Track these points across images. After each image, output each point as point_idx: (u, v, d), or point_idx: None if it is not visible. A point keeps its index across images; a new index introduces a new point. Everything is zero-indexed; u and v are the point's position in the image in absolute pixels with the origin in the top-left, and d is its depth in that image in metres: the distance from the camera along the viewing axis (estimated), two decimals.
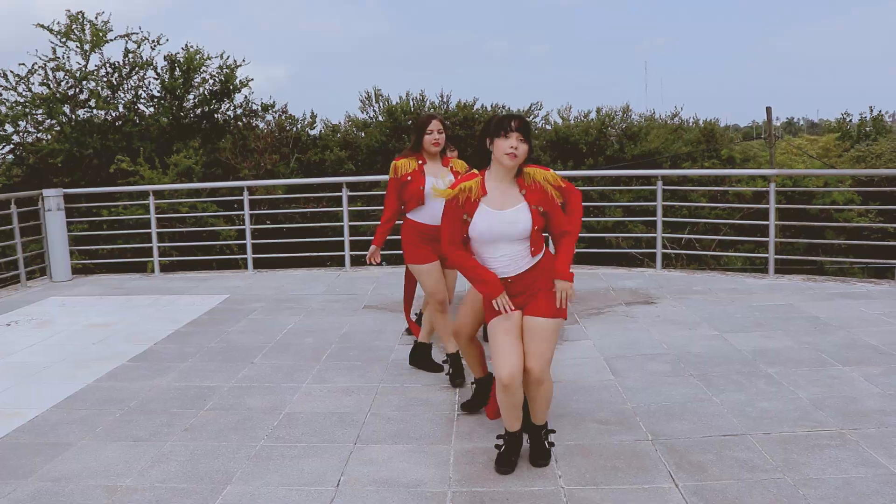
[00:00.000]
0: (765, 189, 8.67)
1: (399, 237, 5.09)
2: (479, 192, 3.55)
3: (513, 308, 3.59)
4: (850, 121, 32.00)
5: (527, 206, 3.54)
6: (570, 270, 3.64)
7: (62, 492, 3.58)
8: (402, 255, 5.09)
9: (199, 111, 17.27)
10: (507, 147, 3.46)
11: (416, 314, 5.95)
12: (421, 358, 5.31)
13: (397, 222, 5.11)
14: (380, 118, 19.60)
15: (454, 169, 4.95)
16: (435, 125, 4.87)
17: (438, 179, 4.74)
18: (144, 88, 16.82)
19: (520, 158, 3.50)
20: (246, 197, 9.82)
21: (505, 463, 3.69)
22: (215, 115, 17.57)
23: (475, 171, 3.67)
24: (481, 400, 4.42)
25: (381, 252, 5.23)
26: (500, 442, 3.75)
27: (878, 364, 5.07)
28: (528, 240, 3.57)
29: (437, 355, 5.32)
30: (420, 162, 4.91)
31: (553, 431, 3.85)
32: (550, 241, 3.94)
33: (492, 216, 3.52)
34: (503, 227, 3.52)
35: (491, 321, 3.64)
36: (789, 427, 4.06)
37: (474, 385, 4.51)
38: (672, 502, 3.30)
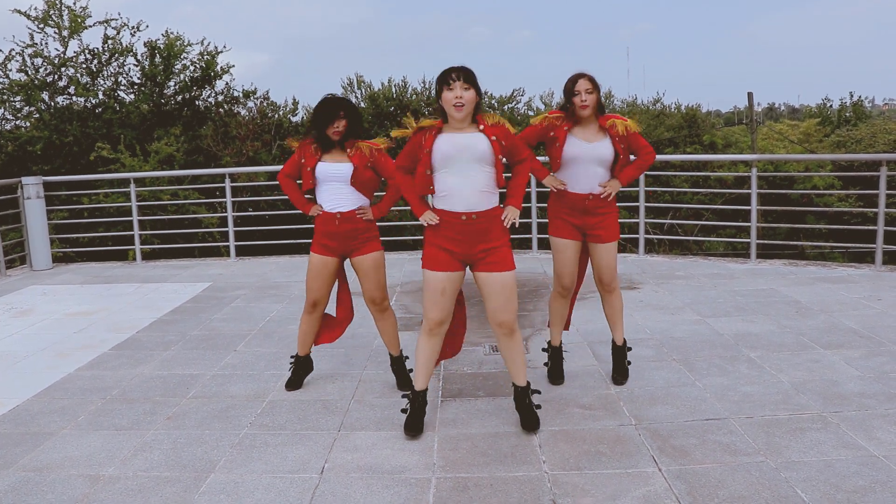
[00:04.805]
0: (746, 174, 8.70)
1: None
2: (436, 129, 3.73)
3: (437, 221, 3.72)
4: (831, 106, 32.25)
5: (484, 135, 3.71)
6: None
7: (44, 482, 3.55)
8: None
9: (179, 98, 17.09)
10: (453, 98, 3.62)
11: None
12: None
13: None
14: (362, 104, 19.52)
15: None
16: (582, 84, 4.20)
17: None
18: (124, 75, 16.63)
19: (468, 107, 3.65)
20: (228, 184, 9.76)
21: (414, 427, 3.90)
22: (196, 102, 17.40)
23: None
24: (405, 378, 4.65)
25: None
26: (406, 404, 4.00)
27: (859, 347, 5.12)
28: (493, 167, 3.72)
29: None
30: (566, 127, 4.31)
31: (538, 392, 4.09)
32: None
33: (452, 137, 3.70)
34: (464, 143, 3.66)
35: (435, 274, 3.77)
36: (771, 410, 4.09)
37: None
38: (655, 486, 3.32)
